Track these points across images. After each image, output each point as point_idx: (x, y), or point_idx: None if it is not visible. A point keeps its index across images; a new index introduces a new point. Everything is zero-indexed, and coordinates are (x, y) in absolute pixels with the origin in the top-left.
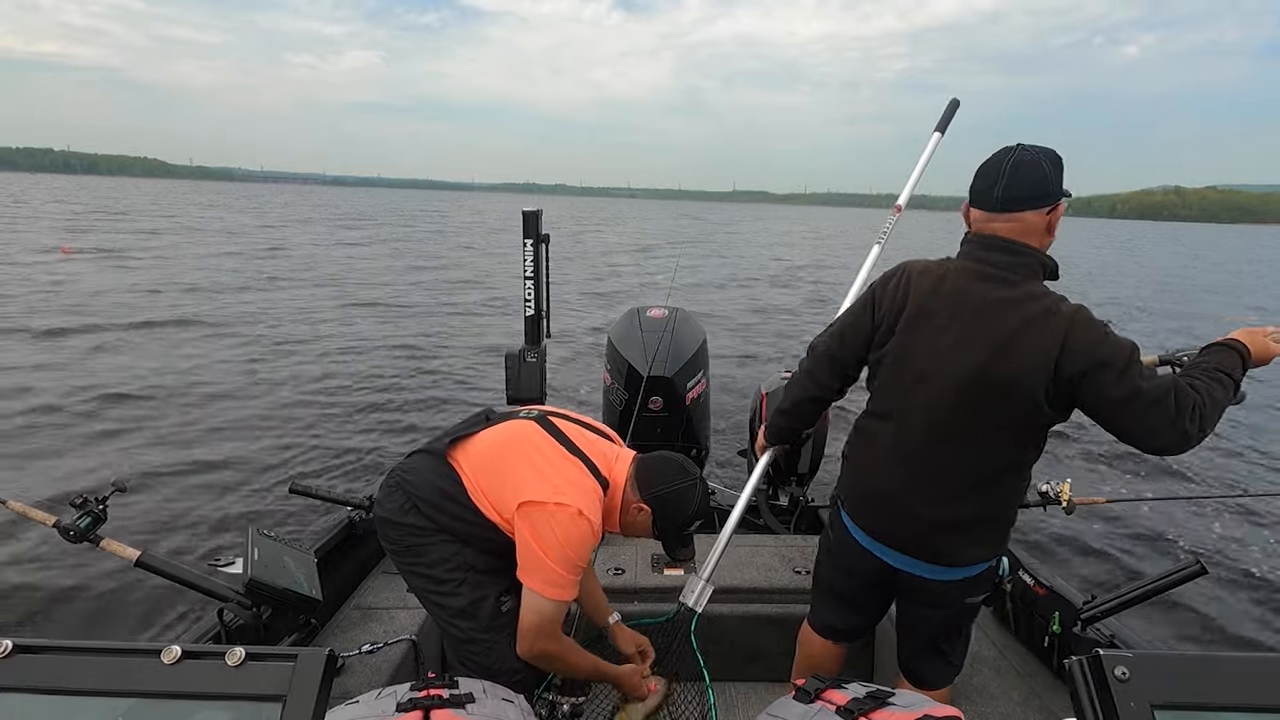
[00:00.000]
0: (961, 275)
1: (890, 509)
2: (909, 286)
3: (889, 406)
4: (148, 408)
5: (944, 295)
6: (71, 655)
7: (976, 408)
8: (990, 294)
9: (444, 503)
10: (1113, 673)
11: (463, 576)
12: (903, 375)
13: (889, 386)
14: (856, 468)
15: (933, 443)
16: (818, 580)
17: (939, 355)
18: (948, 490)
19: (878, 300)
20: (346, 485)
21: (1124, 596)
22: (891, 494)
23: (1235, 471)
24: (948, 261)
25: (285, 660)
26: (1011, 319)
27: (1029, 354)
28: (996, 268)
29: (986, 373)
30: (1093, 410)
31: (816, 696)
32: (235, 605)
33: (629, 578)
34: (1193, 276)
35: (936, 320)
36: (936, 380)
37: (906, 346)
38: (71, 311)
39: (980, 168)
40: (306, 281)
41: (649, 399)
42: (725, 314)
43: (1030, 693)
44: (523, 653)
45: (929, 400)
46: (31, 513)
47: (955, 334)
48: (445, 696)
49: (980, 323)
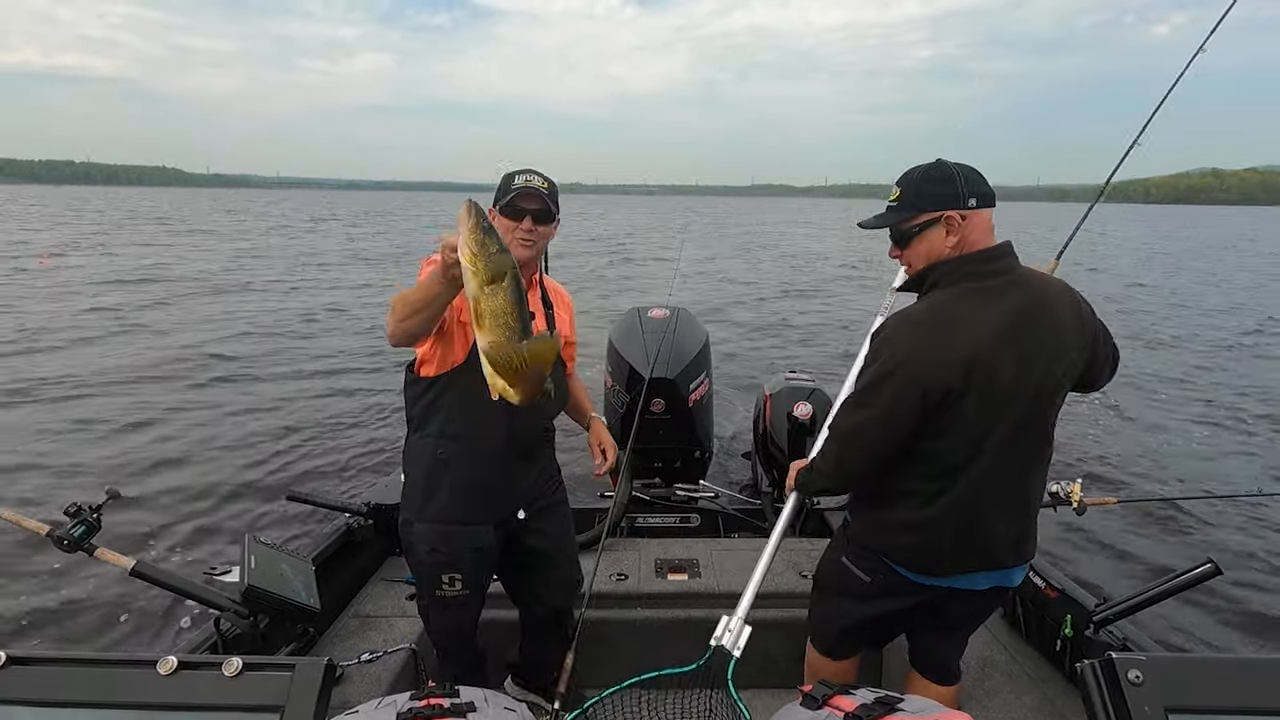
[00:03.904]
0: (1011, 293)
1: (969, 543)
2: (980, 350)
3: (966, 455)
4: (146, 410)
5: (1010, 331)
6: (66, 666)
7: (1048, 413)
8: (1041, 295)
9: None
10: (1126, 676)
11: None
12: (984, 426)
13: (966, 437)
14: (914, 524)
15: (1014, 466)
16: (831, 622)
17: (1024, 385)
18: (1030, 496)
19: (929, 391)
20: (344, 492)
21: (1137, 599)
22: (970, 529)
23: (1249, 471)
24: (979, 296)
25: (283, 670)
26: (1069, 308)
27: (1083, 331)
28: (1011, 269)
29: (1054, 374)
30: (1089, 365)
31: (824, 703)
32: (232, 614)
33: (632, 583)
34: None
35: (1011, 360)
36: (1010, 408)
37: (988, 404)
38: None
39: (965, 173)
40: (305, 285)
41: (651, 401)
42: (727, 312)
43: (1043, 697)
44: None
45: (1008, 433)
46: (24, 521)
47: (1042, 353)
48: (446, 706)
49: (1044, 332)
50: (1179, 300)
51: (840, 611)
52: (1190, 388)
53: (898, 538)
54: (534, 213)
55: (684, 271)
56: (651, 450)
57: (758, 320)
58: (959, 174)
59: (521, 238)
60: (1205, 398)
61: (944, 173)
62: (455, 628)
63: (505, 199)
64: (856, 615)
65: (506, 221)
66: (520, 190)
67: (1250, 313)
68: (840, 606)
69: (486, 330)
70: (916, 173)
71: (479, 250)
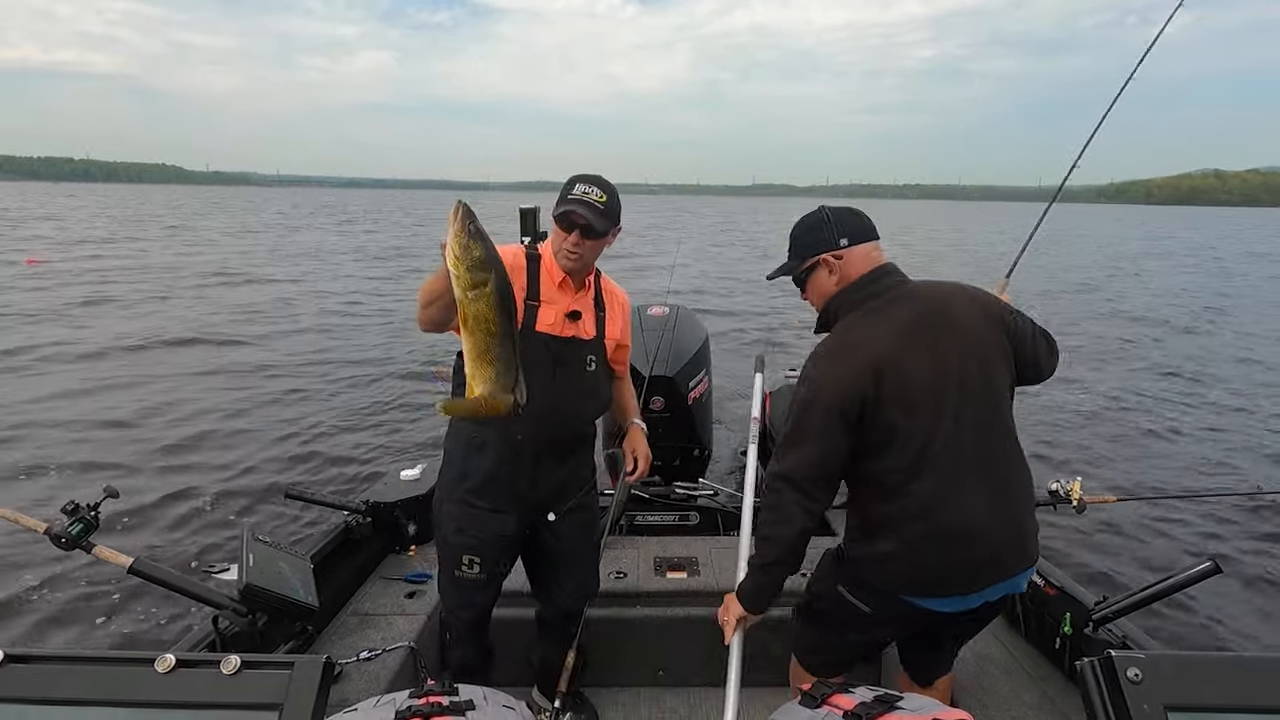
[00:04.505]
0: (904, 305)
1: (972, 554)
2: (881, 357)
3: (912, 463)
4: (143, 409)
5: (920, 333)
6: (63, 665)
7: (990, 405)
8: (933, 301)
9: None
10: (1125, 674)
11: None
12: (918, 429)
13: (907, 445)
14: (905, 547)
15: (975, 461)
16: (826, 652)
17: (943, 378)
18: (1011, 490)
19: (847, 409)
20: (343, 489)
21: (1136, 596)
22: (969, 535)
23: (1250, 469)
24: (874, 315)
25: (282, 668)
26: (964, 303)
27: (989, 319)
28: (897, 285)
29: (970, 366)
30: (1019, 344)
31: (823, 701)
32: (230, 612)
33: (630, 581)
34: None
35: (919, 357)
36: (938, 405)
37: (910, 404)
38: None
39: (837, 215)
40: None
41: (650, 400)
42: (727, 310)
43: (1042, 695)
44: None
45: (952, 431)
46: (22, 519)
47: (950, 349)
48: (445, 704)
49: (947, 328)
50: (1180, 301)
51: (839, 643)
52: (1190, 385)
53: (892, 566)
54: (583, 227)
55: (684, 271)
56: (651, 448)
57: (758, 318)
58: (828, 219)
59: (568, 250)
60: (1205, 396)
61: (813, 221)
62: (468, 610)
63: (560, 209)
64: (856, 642)
65: (558, 229)
66: (575, 202)
67: (1249, 311)
68: (839, 637)
69: (468, 332)
70: (797, 225)
71: (461, 254)
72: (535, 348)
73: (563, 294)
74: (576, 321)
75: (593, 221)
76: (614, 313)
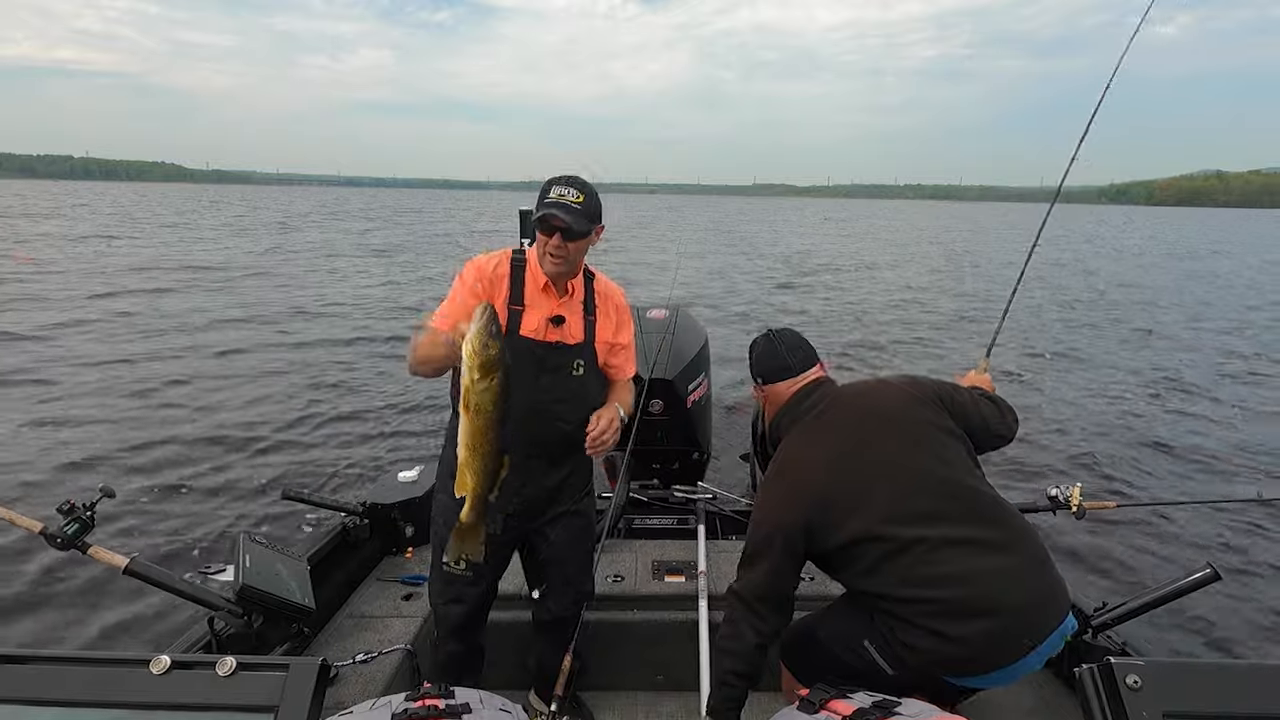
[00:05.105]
0: (832, 416)
1: (993, 625)
2: (816, 480)
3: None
4: (141, 409)
5: (852, 441)
6: (58, 665)
7: (944, 473)
8: (860, 403)
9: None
10: (1124, 681)
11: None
12: (883, 522)
13: (876, 546)
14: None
15: (955, 535)
16: (821, 675)
17: (897, 470)
18: (1011, 548)
19: (790, 535)
20: (340, 490)
21: (1135, 603)
22: (985, 609)
23: (1249, 476)
24: (809, 432)
25: (277, 670)
26: (891, 396)
27: (922, 402)
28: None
29: (908, 444)
30: (963, 416)
31: (821, 707)
32: (226, 613)
33: (629, 585)
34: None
35: (869, 458)
36: (905, 483)
37: (871, 508)
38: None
39: (760, 354)
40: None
41: (649, 402)
42: (726, 311)
43: (1040, 702)
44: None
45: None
46: (17, 519)
47: (887, 443)
48: (441, 707)
49: (881, 429)
50: (1177, 302)
51: (841, 678)
52: (1191, 393)
53: (925, 644)
54: (563, 230)
55: (684, 271)
56: (650, 452)
57: (757, 320)
58: (751, 358)
59: (551, 253)
60: (1206, 403)
61: (753, 351)
62: (457, 605)
63: (539, 213)
64: (858, 679)
65: (539, 234)
66: (553, 205)
67: (1251, 320)
68: (843, 677)
69: (468, 416)
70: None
71: (479, 349)
72: (518, 352)
73: (546, 298)
74: (560, 326)
75: (571, 224)
76: (606, 315)
